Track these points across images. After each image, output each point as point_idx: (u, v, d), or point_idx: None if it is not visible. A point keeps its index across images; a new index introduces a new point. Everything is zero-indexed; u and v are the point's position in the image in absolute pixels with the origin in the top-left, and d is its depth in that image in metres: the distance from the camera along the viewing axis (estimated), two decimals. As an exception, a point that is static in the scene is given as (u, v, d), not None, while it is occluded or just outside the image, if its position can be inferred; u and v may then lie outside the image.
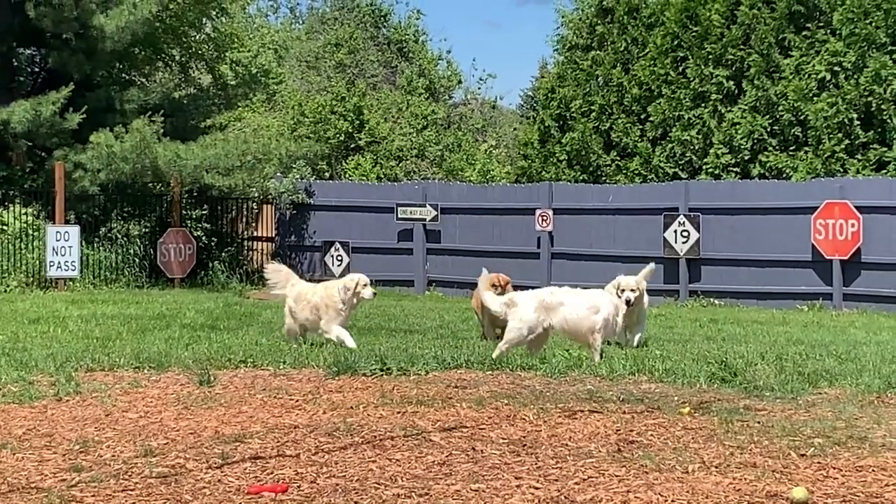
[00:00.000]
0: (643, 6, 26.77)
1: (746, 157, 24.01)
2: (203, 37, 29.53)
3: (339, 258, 24.72)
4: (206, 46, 29.72)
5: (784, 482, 5.95)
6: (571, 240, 22.98)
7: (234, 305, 18.50)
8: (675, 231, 21.60)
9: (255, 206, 26.77)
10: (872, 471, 6.21)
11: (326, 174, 33.62)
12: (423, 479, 6.05)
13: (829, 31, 23.37)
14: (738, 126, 23.99)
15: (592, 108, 26.94)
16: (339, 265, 24.52)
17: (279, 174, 25.67)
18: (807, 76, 23.29)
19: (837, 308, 19.96)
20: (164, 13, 26.31)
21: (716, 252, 21.47)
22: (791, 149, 23.60)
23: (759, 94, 23.85)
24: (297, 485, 5.97)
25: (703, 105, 24.80)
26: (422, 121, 36.92)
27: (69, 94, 23.30)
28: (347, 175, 33.58)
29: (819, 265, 20.45)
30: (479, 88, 47.19)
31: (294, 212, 25.79)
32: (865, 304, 19.80)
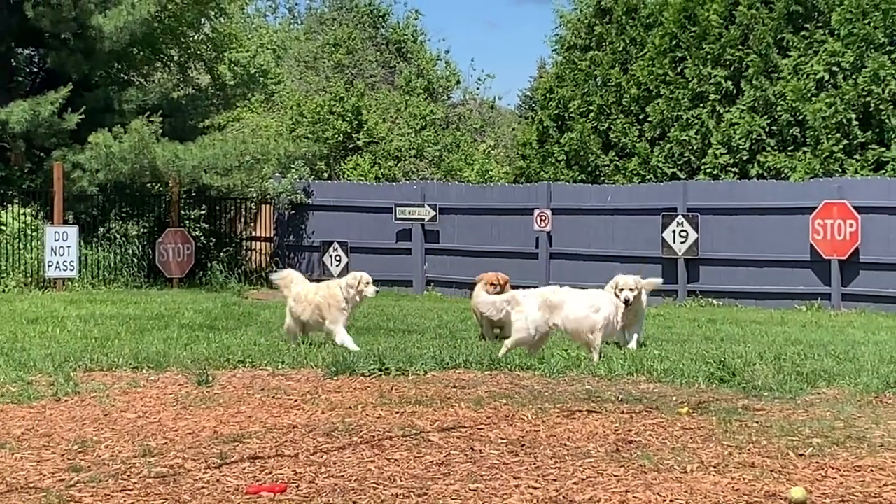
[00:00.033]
0: (641, 6, 26.78)
1: (745, 158, 24.01)
2: (201, 37, 29.53)
3: (338, 258, 24.71)
4: (205, 47, 29.71)
5: (782, 482, 5.95)
6: (570, 240, 22.98)
7: (233, 305, 18.50)
8: (674, 231, 21.60)
9: (254, 207, 26.76)
10: (871, 470, 6.21)
11: (325, 174, 33.61)
12: (422, 479, 6.05)
13: (828, 32, 23.37)
14: (737, 126, 23.99)
15: (591, 109, 26.94)
16: (338, 265, 24.51)
17: (278, 174, 25.67)
18: (805, 76, 23.30)
19: (836, 308, 19.97)
20: (163, 13, 26.31)
21: (714, 252, 21.47)
22: (789, 149, 23.60)
23: (758, 95, 23.85)
24: (296, 485, 5.96)
25: (702, 105, 24.81)
26: (420, 121, 36.90)
27: (68, 95, 23.30)
28: (346, 175, 33.57)
29: (817, 265, 20.46)
30: (478, 88, 47.20)
31: (292, 212, 25.79)
32: (864, 304, 19.81)
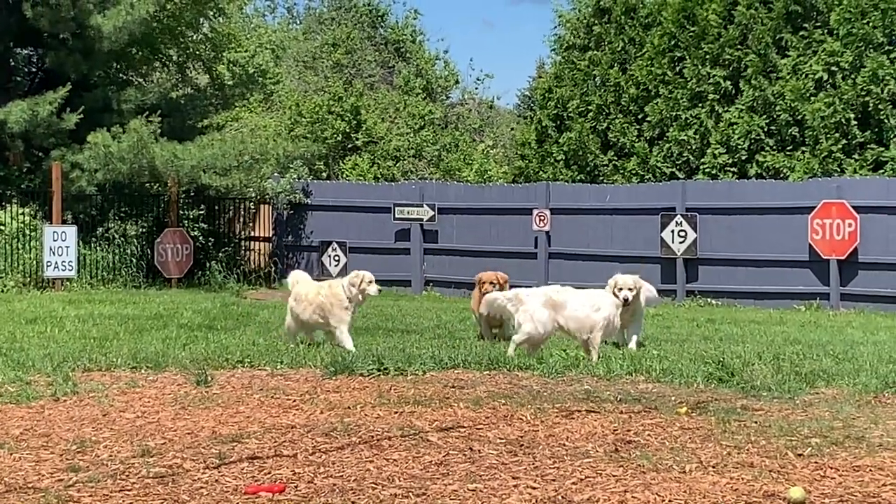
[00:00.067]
0: (640, 6, 26.78)
1: (744, 157, 24.02)
2: (200, 37, 29.52)
3: (337, 258, 24.70)
4: (204, 46, 29.71)
5: (781, 482, 5.95)
6: (569, 240, 22.98)
7: (232, 305, 18.50)
8: (673, 231, 21.61)
9: (253, 206, 26.75)
10: (869, 470, 6.21)
11: (324, 174, 33.60)
12: (421, 479, 6.05)
13: (827, 31, 23.38)
14: (736, 126, 23.99)
15: (590, 108, 26.94)
16: (337, 265, 24.51)
17: (276, 174, 25.66)
18: (804, 76, 23.30)
19: (835, 308, 19.98)
20: (162, 13, 26.31)
21: (713, 252, 21.48)
22: (788, 149, 23.61)
23: (757, 94, 23.86)
24: (295, 485, 5.96)
25: (701, 105, 24.81)
26: (419, 121, 36.89)
27: (66, 94, 23.29)
28: (345, 175, 33.55)
29: (816, 265, 20.47)
30: (477, 88, 47.24)
31: (291, 212, 25.79)
32: (862, 304, 19.82)
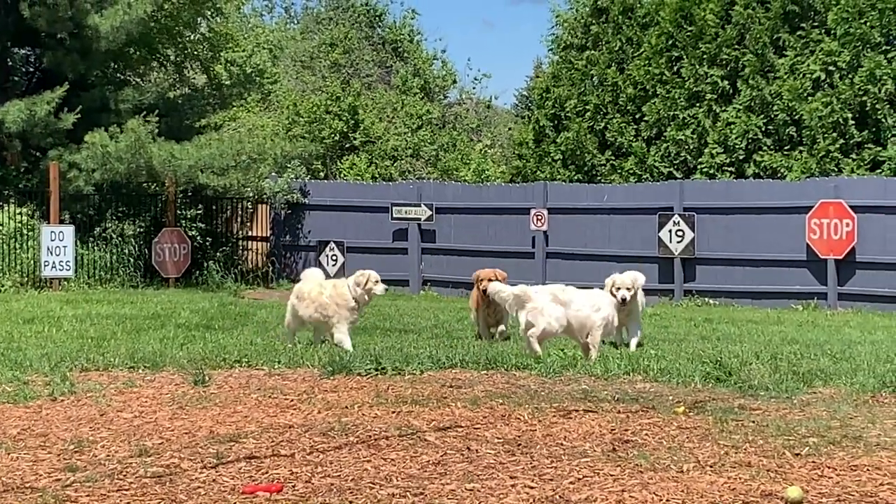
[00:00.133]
0: (638, 6, 26.77)
1: (741, 157, 24.02)
2: (198, 37, 29.50)
3: (334, 258, 24.70)
4: (201, 46, 29.69)
5: (779, 481, 5.95)
6: (566, 239, 22.98)
7: (229, 305, 18.50)
8: (670, 231, 21.61)
9: (250, 206, 26.75)
10: (867, 470, 6.21)
11: (321, 174, 33.57)
12: (418, 479, 6.05)
13: (824, 31, 23.40)
14: (733, 126, 24.00)
15: (587, 108, 26.94)
16: (334, 265, 24.51)
17: (274, 174, 25.66)
18: (801, 76, 23.32)
19: (832, 307, 19.99)
20: (159, 13, 26.29)
21: (711, 251, 21.48)
22: (786, 148, 23.62)
23: (754, 94, 23.87)
24: (292, 484, 5.96)
25: (698, 105, 24.82)
26: (417, 120, 36.88)
27: (64, 94, 23.26)
28: (342, 175, 33.54)
29: (814, 265, 20.48)
30: (474, 88, 47.30)
31: (289, 211, 25.80)
32: (860, 304, 19.83)
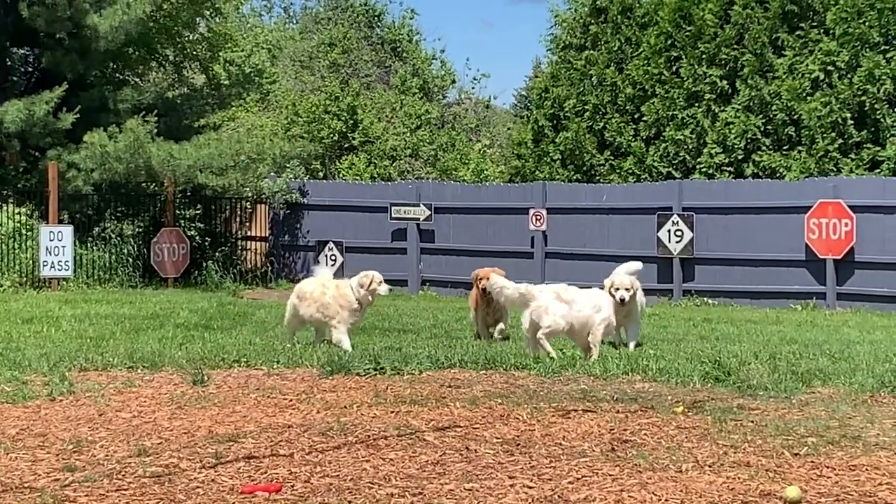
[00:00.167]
0: (637, 6, 26.77)
1: (740, 157, 24.03)
2: (197, 36, 29.49)
3: (333, 258, 24.70)
4: (200, 46, 29.68)
5: (777, 481, 5.95)
6: (565, 239, 22.99)
7: (228, 305, 18.49)
8: (669, 230, 21.62)
9: (249, 206, 26.75)
10: (866, 470, 6.22)
11: (320, 174, 33.58)
12: (417, 479, 6.05)
13: (823, 31, 23.40)
14: (732, 125, 24.01)
15: (586, 108, 26.93)
16: (333, 265, 24.47)
17: (273, 174, 25.67)
18: (800, 76, 23.32)
19: (831, 307, 19.99)
20: (158, 13, 26.27)
21: (709, 251, 21.49)
22: (784, 148, 23.63)
23: (753, 94, 23.87)
24: (291, 484, 5.96)
25: (697, 105, 24.82)
26: (415, 120, 36.88)
27: (63, 94, 23.26)
28: (341, 175, 33.55)
29: (812, 264, 20.49)
30: (473, 88, 47.33)
31: (288, 211, 25.80)
32: (859, 304, 19.84)
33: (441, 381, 9.17)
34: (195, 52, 29.61)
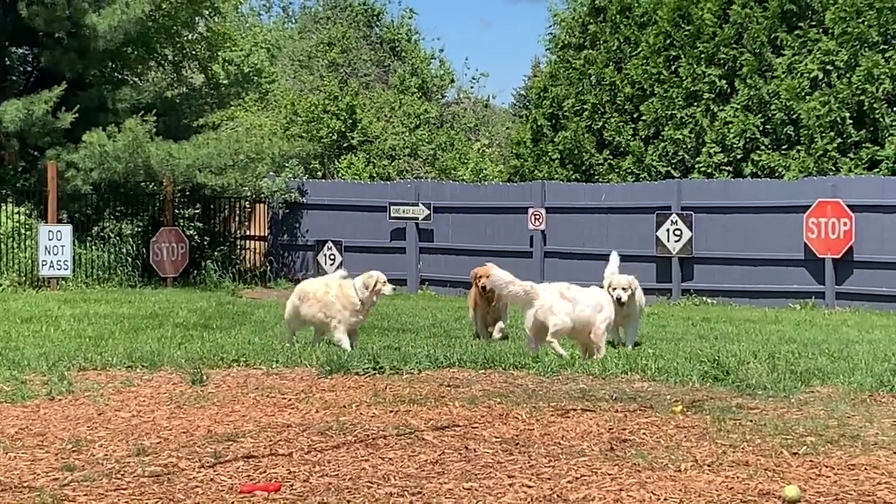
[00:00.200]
0: (635, 5, 26.77)
1: (739, 156, 24.04)
2: (196, 36, 29.49)
3: (332, 257, 24.71)
4: (199, 46, 29.68)
5: (776, 480, 5.95)
6: (564, 238, 22.99)
7: (227, 304, 18.49)
8: (668, 230, 21.62)
9: (248, 206, 26.75)
10: (864, 469, 6.21)
11: (319, 173, 33.59)
12: (416, 478, 6.05)
13: (822, 30, 23.41)
14: (731, 125, 24.02)
15: (585, 107, 26.94)
16: (332, 264, 24.51)
17: (272, 173, 25.67)
18: (799, 75, 23.33)
19: (830, 307, 20.00)
20: (157, 12, 26.26)
21: (708, 251, 21.49)
22: (783, 148, 23.64)
23: (752, 93, 23.88)
24: (290, 484, 5.96)
25: (696, 104, 24.83)
26: (414, 120, 36.89)
27: (61, 94, 23.26)
28: (340, 174, 33.55)
29: (811, 264, 20.49)
30: (472, 87, 47.35)
31: (287, 211, 25.80)
32: (858, 303, 19.84)
33: (440, 381, 9.16)
34: (194, 52, 29.61)
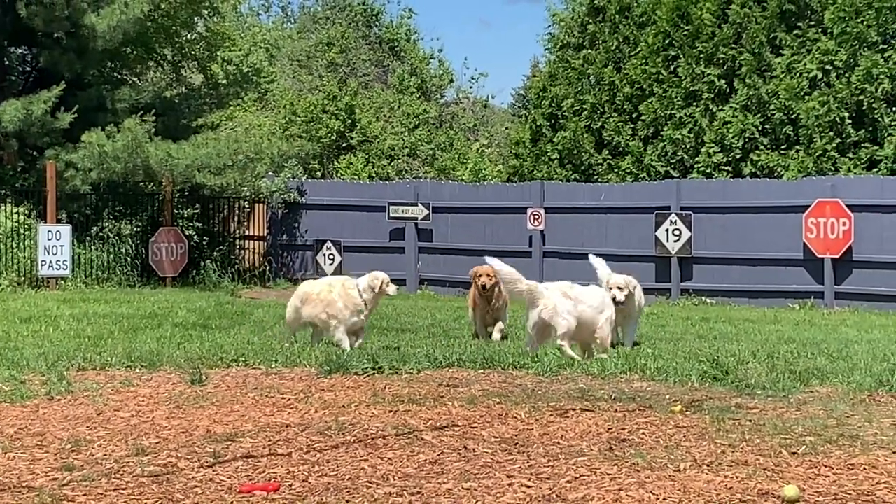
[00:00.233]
0: (635, 5, 26.77)
1: (738, 156, 24.03)
2: (195, 36, 29.49)
3: (331, 257, 24.71)
4: (198, 46, 29.67)
5: (775, 480, 5.95)
6: (563, 238, 22.98)
7: (226, 304, 18.49)
8: (667, 230, 21.62)
9: (247, 205, 26.75)
10: (863, 469, 6.22)
11: (318, 173, 33.58)
12: (415, 478, 6.05)
13: (821, 30, 23.41)
14: (730, 125, 24.02)
15: (584, 107, 26.94)
16: (331, 264, 24.51)
17: (271, 173, 25.67)
18: (798, 75, 23.33)
19: (829, 306, 19.99)
20: (156, 12, 26.26)
21: (707, 251, 21.49)
22: (782, 147, 23.64)
23: (751, 93, 23.88)
24: (289, 483, 5.96)
25: (695, 104, 24.83)
26: (413, 120, 36.89)
27: (60, 94, 23.26)
28: (339, 174, 33.55)
29: (810, 264, 20.49)
30: (471, 87, 47.38)
31: (286, 211, 25.79)
32: (857, 303, 19.84)
33: (439, 381, 9.16)
34: (193, 52, 29.61)
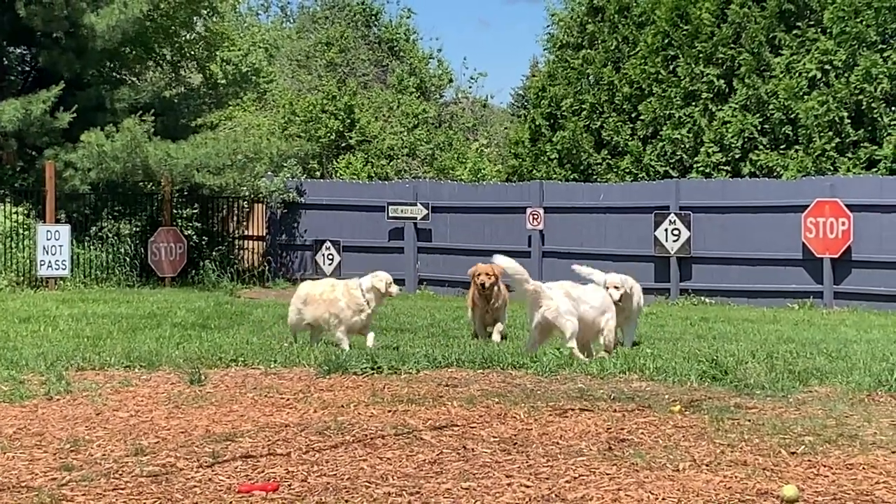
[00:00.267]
0: (634, 5, 26.75)
1: (737, 156, 24.03)
2: (194, 36, 29.49)
3: (330, 257, 24.70)
4: (197, 46, 29.67)
5: (774, 480, 5.95)
6: (562, 238, 22.98)
7: (225, 304, 18.48)
8: (666, 229, 21.61)
9: (246, 205, 26.74)
10: (863, 468, 6.22)
11: (317, 173, 33.58)
12: (414, 478, 6.05)
13: (820, 30, 23.41)
14: (729, 125, 24.01)
15: (583, 107, 26.93)
16: (330, 264, 24.51)
17: (270, 173, 25.66)
18: (797, 75, 23.32)
19: (828, 306, 19.99)
20: (155, 12, 26.27)
21: (706, 250, 21.48)
22: (782, 147, 23.63)
23: (750, 93, 23.87)
24: (288, 483, 5.96)
25: (694, 104, 24.82)
26: (413, 119, 36.90)
27: (59, 93, 23.26)
28: (338, 174, 33.55)
29: (810, 263, 20.49)
30: (470, 87, 47.39)
31: (285, 210, 25.78)
32: (856, 303, 19.84)
33: (438, 381, 9.16)
34: (192, 52, 29.61)
